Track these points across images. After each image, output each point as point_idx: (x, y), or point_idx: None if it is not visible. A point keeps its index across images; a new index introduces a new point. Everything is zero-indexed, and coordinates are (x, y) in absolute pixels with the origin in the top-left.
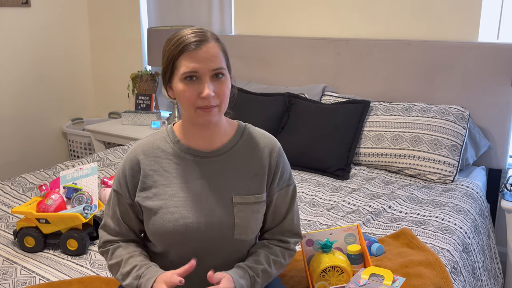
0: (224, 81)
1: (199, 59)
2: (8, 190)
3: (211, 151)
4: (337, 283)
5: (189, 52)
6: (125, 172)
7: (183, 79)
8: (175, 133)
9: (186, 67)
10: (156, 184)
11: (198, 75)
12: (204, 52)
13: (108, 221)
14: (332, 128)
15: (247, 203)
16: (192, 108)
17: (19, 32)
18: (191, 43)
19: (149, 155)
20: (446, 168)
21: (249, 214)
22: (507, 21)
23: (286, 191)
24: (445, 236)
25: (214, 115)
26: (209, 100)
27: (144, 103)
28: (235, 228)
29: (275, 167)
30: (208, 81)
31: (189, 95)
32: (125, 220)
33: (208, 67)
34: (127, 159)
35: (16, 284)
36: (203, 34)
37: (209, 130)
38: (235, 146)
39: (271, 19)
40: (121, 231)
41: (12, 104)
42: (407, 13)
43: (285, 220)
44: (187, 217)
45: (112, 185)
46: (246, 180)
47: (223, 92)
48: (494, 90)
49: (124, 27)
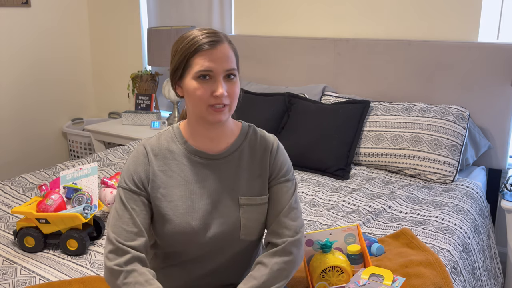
0: (235, 82)
1: (214, 59)
2: (8, 190)
3: (218, 153)
4: (337, 283)
5: (204, 52)
6: (137, 166)
7: (197, 78)
8: (182, 134)
9: (201, 65)
10: (164, 184)
11: (212, 74)
12: (219, 52)
13: (117, 224)
14: (332, 128)
15: (253, 204)
16: (204, 106)
17: (19, 32)
18: (206, 43)
19: (157, 155)
20: (446, 168)
21: (254, 215)
22: (507, 21)
23: (285, 186)
24: (445, 236)
25: (224, 114)
26: (222, 99)
27: (144, 103)
28: (241, 229)
29: (273, 162)
30: (222, 81)
31: (201, 94)
32: (141, 219)
33: (222, 67)
34: (136, 154)
35: (16, 284)
36: (217, 34)
37: (215, 130)
38: (240, 147)
39: (271, 19)
40: (136, 231)
41: (12, 104)
42: (407, 13)
43: (284, 216)
44: (196, 219)
45: (119, 184)
46: (251, 181)
47: (234, 93)
48: (494, 90)
49: (124, 27)
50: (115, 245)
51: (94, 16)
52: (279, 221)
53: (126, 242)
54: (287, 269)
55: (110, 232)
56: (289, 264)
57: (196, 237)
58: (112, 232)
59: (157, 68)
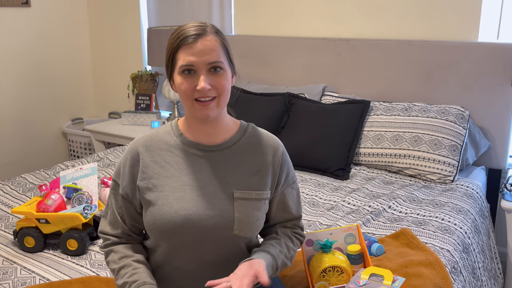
0: (222, 74)
1: (195, 53)
2: (8, 190)
3: (213, 145)
4: (337, 283)
5: (187, 46)
6: (125, 162)
7: (181, 72)
8: (179, 127)
9: (183, 60)
10: (157, 175)
11: (195, 68)
12: (201, 45)
13: (106, 213)
14: (332, 128)
15: (247, 198)
16: (189, 100)
17: (19, 32)
18: (188, 37)
19: (150, 147)
20: (446, 168)
21: (249, 210)
22: (507, 21)
23: (293, 187)
24: (445, 236)
25: (211, 109)
26: (205, 92)
27: (144, 103)
28: (235, 223)
29: (280, 167)
30: (204, 74)
31: (185, 88)
32: (119, 212)
33: (204, 61)
34: (128, 150)
35: (16, 284)
36: (202, 27)
37: (210, 125)
38: (237, 142)
39: (271, 19)
40: (115, 222)
41: (12, 104)
42: (407, 13)
43: (298, 219)
44: (186, 209)
45: (112, 176)
46: (247, 176)
47: (221, 85)
48: (494, 90)
49: (124, 27)
50: (103, 240)
51: (94, 16)
52: (293, 222)
53: (108, 235)
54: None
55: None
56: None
57: (186, 228)
58: (99, 228)
59: (157, 68)
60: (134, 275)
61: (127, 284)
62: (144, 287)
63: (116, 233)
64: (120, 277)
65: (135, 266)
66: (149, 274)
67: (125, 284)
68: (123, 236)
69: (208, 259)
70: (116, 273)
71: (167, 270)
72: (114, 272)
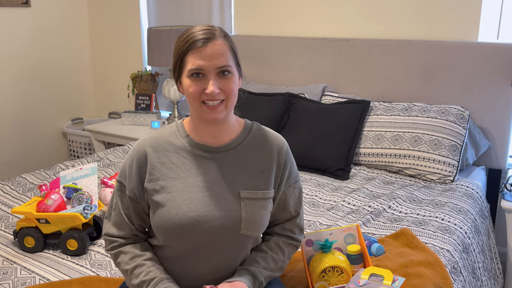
0: (230, 78)
1: (205, 57)
2: (8, 190)
3: (219, 146)
4: (337, 283)
5: (196, 49)
6: (132, 163)
7: (190, 76)
8: (185, 128)
9: (192, 64)
10: (164, 176)
11: (204, 72)
12: (210, 50)
13: (109, 215)
14: (332, 128)
15: (254, 198)
16: (197, 102)
17: (19, 32)
18: (198, 41)
19: (157, 148)
20: (446, 168)
21: (256, 210)
22: (507, 21)
23: (295, 187)
24: (445, 236)
25: (219, 112)
26: (214, 96)
27: (144, 103)
28: (242, 222)
29: (283, 165)
30: (213, 78)
31: (193, 91)
32: (126, 213)
33: (213, 65)
34: (133, 151)
35: (16, 284)
36: (211, 31)
37: (216, 126)
38: (243, 142)
39: (271, 19)
40: (122, 223)
41: (12, 104)
42: (407, 13)
43: (296, 217)
44: (195, 211)
45: (117, 177)
46: (253, 175)
47: (229, 89)
48: (494, 90)
49: (124, 27)
50: (108, 242)
51: (94, 16)
52: (293, 222)
53: (114, 238)
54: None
55: (103, 235)
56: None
57: (194, 229)
58: (103, 231)
59: (157, 68)
60: (150, 273)
61: (145, 282)
62: (163, 282)
63: (123, 234)
64: (135, 277)
65: (149, 264)
66: (163, 269)
67: (143, 283)
68: (130, 237)
69: (213, 257)
70: (129, 274)
71: (173, 269)
72: (128, 272)
